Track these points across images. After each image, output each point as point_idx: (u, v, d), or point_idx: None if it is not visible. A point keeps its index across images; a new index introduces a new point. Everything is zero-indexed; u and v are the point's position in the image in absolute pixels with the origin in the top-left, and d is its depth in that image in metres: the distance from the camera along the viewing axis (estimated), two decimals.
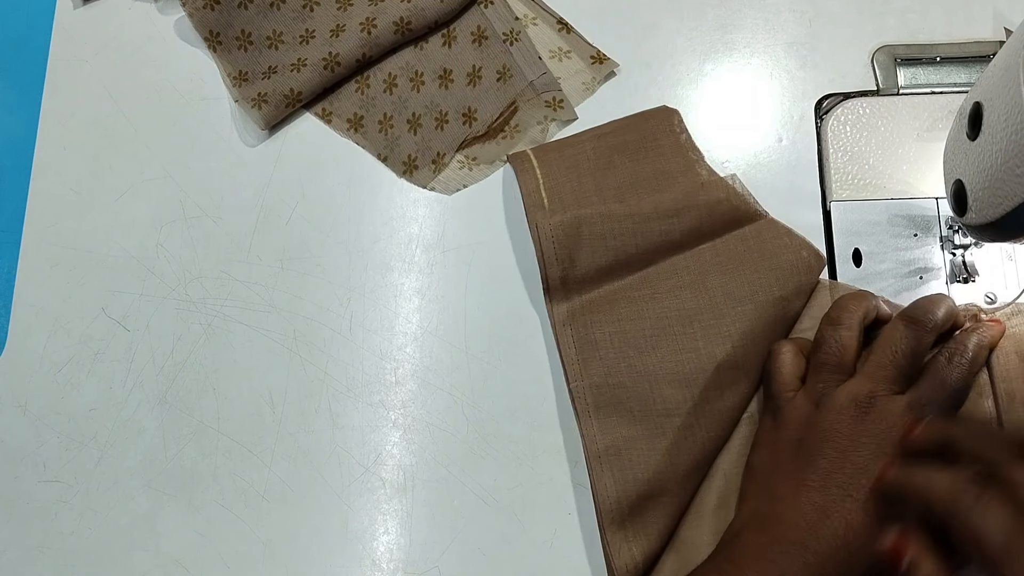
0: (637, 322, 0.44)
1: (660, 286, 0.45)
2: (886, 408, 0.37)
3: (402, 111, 0.51)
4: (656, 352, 0.43)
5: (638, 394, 0.43)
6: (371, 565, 0.44)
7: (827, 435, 0.37)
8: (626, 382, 0.43)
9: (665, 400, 0.42)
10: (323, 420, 0.47)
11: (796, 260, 0.44)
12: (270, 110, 0.51)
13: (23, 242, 0.51)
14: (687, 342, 0.43)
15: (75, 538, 0.46)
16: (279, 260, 0.50)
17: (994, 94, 0.35)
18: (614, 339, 0.44)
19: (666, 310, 0.44)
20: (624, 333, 0.44)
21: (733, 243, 0.45)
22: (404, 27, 0.51)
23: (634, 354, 0.44)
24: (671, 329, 0.44)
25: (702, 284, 0.44)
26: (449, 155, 0.50)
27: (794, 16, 0.51)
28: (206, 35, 0.52)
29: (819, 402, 0.39)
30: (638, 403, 0.43)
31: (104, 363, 0.49)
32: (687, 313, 0.44)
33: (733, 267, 0.44)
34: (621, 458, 0.42)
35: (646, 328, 0.44)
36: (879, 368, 0.39)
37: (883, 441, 0.37)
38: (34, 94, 0.54)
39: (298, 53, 0.52)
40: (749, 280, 0.44)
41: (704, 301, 0.44)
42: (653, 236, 0.45)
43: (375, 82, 0.52)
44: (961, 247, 0.45)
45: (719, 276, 0.44)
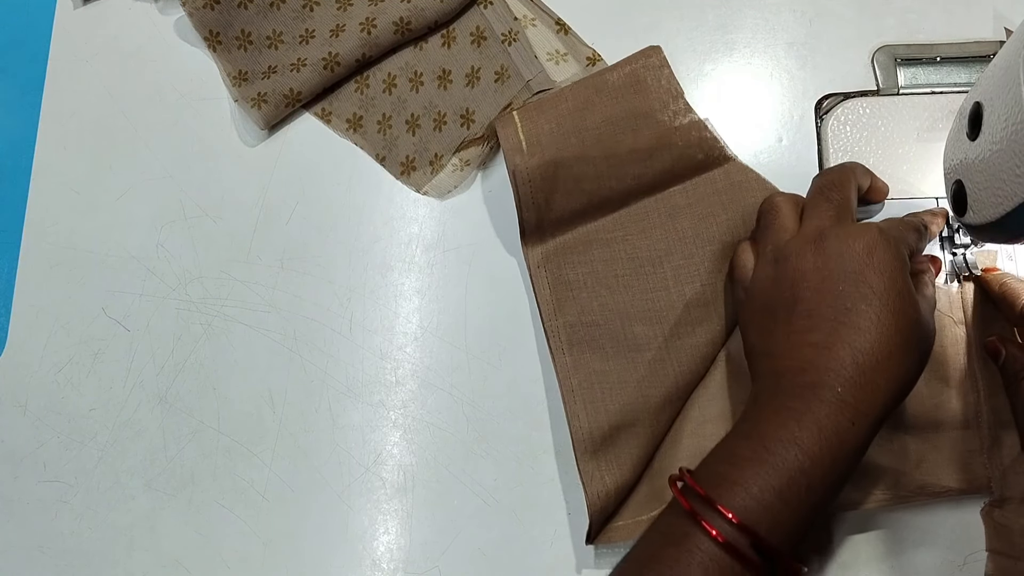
0: (609, 263, 0.46)
1: (632, 228, 0.46)
2: (840, 231, 0.38)
3: (401, 111, 0.51)
4: (628, 291, 0.45)
5: (610, 331, 0.44)
6: (371, 565, 0.44)
7: (796, 279, 0.38)
8: (599, 320, 0.45)
9: (636, 336, 0.44)
10: (323, 420, 0.47)
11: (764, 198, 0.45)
12: (270, 110, 0.51)
13: (23, 242, 0.51)
14: (658, 281, 0.45)
15: (75, 538, 0.46)
16: (279, 260, 0.50)
17: (994, 94, 0.35)
18: (587, 279, 0.46)
19: (637, 250, 0.46)
20: (597, 273, 0.46)
21: (703, 186, 0.46)
22: (404, 27, 0.51)
23: (606, 293, 0.45)
24: (642, 269, 0.45)
25: (672, 226, 0.46)
26: (447, 156, 0.50)
27: (794, 16, 0.51)
28: (206, 35, 0.52)
29: (776, 259, 0.39)
30: (610, 340, 0.44)
31: (104, 363, 0.49)
32: (658, 253, 0.46)
33: (703, 209, 0.46)
34: (593, 391, 0.43)
35: (618, 268, 0.46)
36: (814, 208, 0.40)
37: (853, 258, 0.37)
38: (34, 94, 0.54)
39: (298, 53, 0.52)
40: (718, 222, 0.45)
41: (674, 242, 0.46)
42: (627, 179, 0.46)
43: (375, 82, 0.52)
44: (961, 247, 0.45)
45: (689, 218, 0.46)
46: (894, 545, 0.42)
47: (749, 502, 0.33)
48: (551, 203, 0.45)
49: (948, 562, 0.42)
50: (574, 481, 0.45)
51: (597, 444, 0.42)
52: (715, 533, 0.33)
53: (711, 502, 0.34)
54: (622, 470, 0.42)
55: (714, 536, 0.33)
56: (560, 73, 0.51)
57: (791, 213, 0.41)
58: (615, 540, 0.42)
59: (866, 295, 0.36)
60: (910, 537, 0.42)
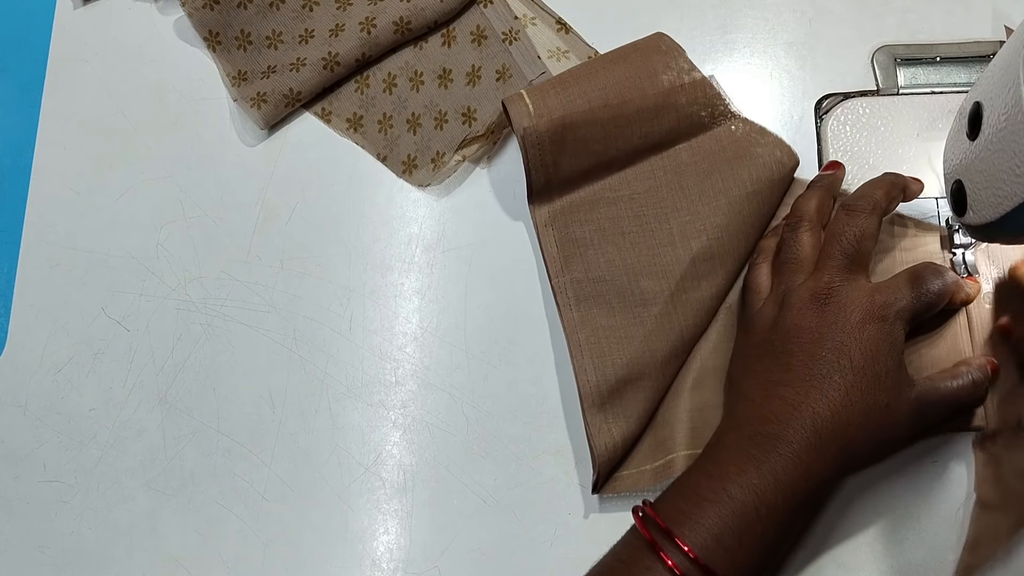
0: (616, 220, 0.46)
1: (638, 186, 0.47)
2: (846, 298, 0.38)
3: (401, 111, 0.51)
4: (634, 248, 0.46)
5: (617, 287, 0.45)
6: (371, 565, 0.44)
7: (791, 333, 0.39)
8: (605, 276, 0.45)
9: (643, 291, 0.45)
10: (323, 420, 0.47)
11: (769, 158, 0.46)
12: (269, 109, 0.51)
13: (23, 242, 0.51)
14: (663, 236, 0.45)
15: (75, 538, 0.46)
16: (279, 260, 0.50)
17: (994, 94, 0.35)
18: (594, 237, 0.46)
19: (643, 208, 0.46)
20: (603, 231, 0.46)
21: (709, 143, 0.47)
22: (404, 27, 0.51)
23: (612, 250, 0.46)
24: (648, 226, 0.46)
25: (679, 183, 0.46)
26: (449, 154, 0.50)
27: (794, 16, 0.51)
28: (205, 35, 0.52)
29: (783, 303, 0.40)
30: (617, 295, 0.45)
31: (104, 363, 0.49)
32: (664, 210, 0.46)
33: (708, 166, 0.46)
34: (601, 345, 0.44)
35: (624, 225, 0.46)
36: (829, 259, 0.40)
37: (844, 336, 0.38)
38: (34, 94, 0.54)
39: (297, 53, 0.52)
40: (723, 177, 0.46)
41: (680, 199, 0.46)
42: (634, 139, 0.46)
43: (375, 82, 0.52)
44: (961, 247, 0.45)
45: (695, 175, 0.46)
46: (894, 545, 0.42)
47: (708, 540, 0.35)
48: (559, 164, 0.46)
49: (948, 562, 0.42)
50: (574, 481, 0.45)
51: (604, 397, 0.43)
52: (671, 564, 0.35)
53: (671, 535, 0.35)
54: (628, 422, 0.43)
55: (671, 566, 0.35)
56: (561, 70, 0.51)
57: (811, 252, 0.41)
58: (619, 490, 0.43)
59: (843, 367, 0.37)
60: (910, 537, 0.42)
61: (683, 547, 0.35)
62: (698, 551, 0.35)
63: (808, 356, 0.38)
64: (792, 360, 0.38)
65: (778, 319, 0.40)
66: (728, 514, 0.35)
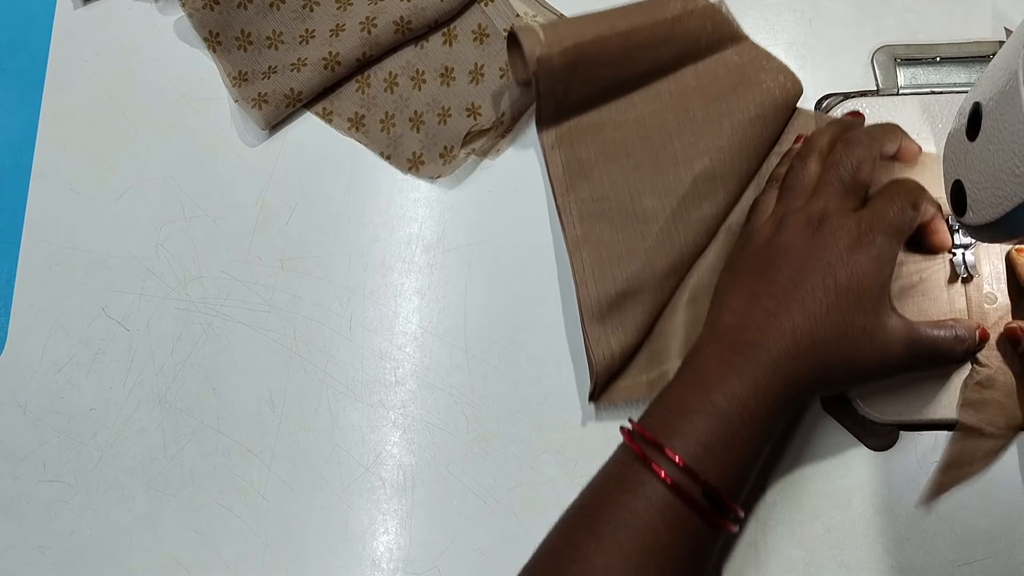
0: (621, 142, 0.47)
1: (644, 109, 0.47)
2: (837, 225, 0.40)
3: (404, 109, 0.51)
4: (638, 168, 0.46)
5: (620, 205, 0.46)
6: (371, 565, 0.44)
7: (781, 251, 0.40)
8: (609, 195, 0.46)
9: (645, 209, 0.46)
10: (323, 420, 0.47)
11: (773, 83, 0.47)
12: (271, 110, 0.51)
13: (23, 242, 0.51)
14: (667, 157, 0.46)
15: (75, 538, 0.46)
16: (279, 260, 0.50)
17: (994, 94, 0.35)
18: (599, 158, 0.47)
19: (648, 130, 0.47)
20: (608, 152, 0.47)
21: (714, 67, 0.47)
22: (404, 26, 0.51)
23: (617, 169, 0.47)
24: (652, 147, 0.47)
25: (684, 106, 0.47)
26: (457, 147, 0.50)
27: (794, 16, 0.51)
28: (206, 35, 0.52)
29: (779, 224, 0.41)
30: (619, 213, 0.46)
31: (104, 363, 0.49)
32: (668, 132, 0.47)
33: (714, 90, 0.47)
34: (602, 260, 0.45)
35: (629, 147, 0.47)
36: (827, 186, 0.41)
37: (831, 258, 0.39)
38: (34, 94, 0.54)
39: (298, 53, 0.52)
40: (728, 101, 0.46)
41: (685, 121, 0.47)
42: (642, 64, 0.47)
43: (376, 81, 0.52)
44: (961, 247, 0.45)
45: (700, 99, 0.47)
46: (894, 545, 0.42)
47: (698, 449, 0.36)
48: (569, 90, 0.46)
49: (948, 562, 0.42)
50: (574, 481, 0.45)
51: (604, 310, 0.44)
52: (663, 475, 0.36)
53: (660, 447, 0.36)
54: (627, 334, 0.44)
55: (662, 478, 0.36)
56: None
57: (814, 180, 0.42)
58: (615, 400, 0.45)
59: (827, 286, 0.38)
60: (910, 537, 0.42)
61: (673, 457, 0.36)
62: (688, 460, 0.36)
63: (794, 272, 0.39)
64: (778, 275, 0.39)
65: (772, 238, 0.41)
66: (715, 423, 0.37)
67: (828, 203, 0.41)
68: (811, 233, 0.40)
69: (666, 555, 0.35)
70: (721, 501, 0.36)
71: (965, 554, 0.42)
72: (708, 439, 0.36)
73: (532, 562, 0.38)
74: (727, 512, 0.37)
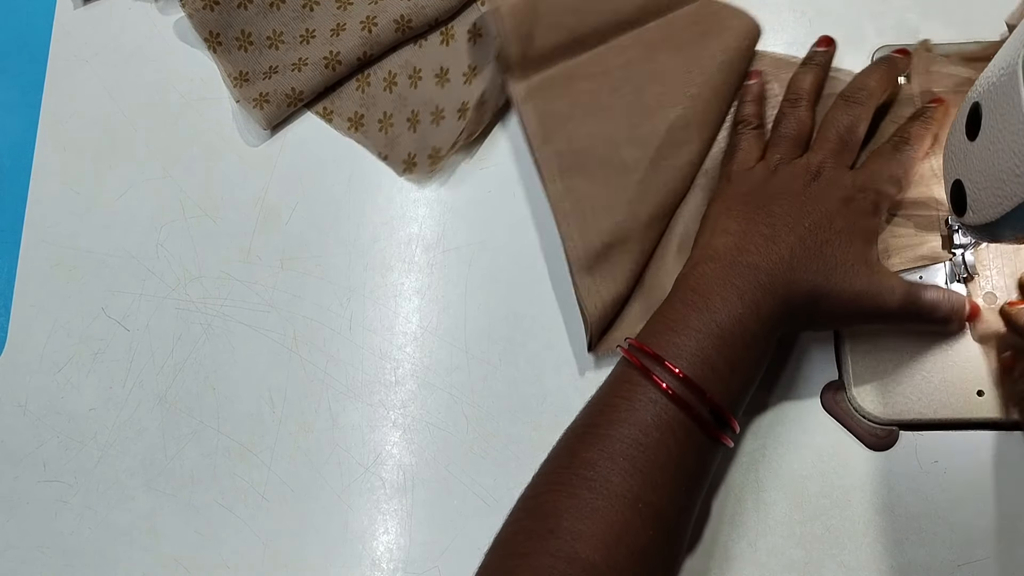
0: (594, 94, 0.47)
1: (612, 62, 0.48)
2: (832, 178, 0.42)
3: (402, 109, 0.51)
4: (613, 119, 0.47)
5: (598, 156, 0.46)
6: (371, 565, 0.44)
7: (778, 192, 0.42)
8: (586, 146, 0.47)
9: (623, 159, 0.46)
10: (323, 420, 0.47)
11: (736, 29, 0.48)
12: (272, 110, 0.51)
13: (23, 242, 0.51)
14: (640, 108, 0.47)
15: (75, 538, 0.46)
16: (279, 260, 0.50)
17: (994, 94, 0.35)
18: (573, 110, 0.47)
19: (619, 82, 0.48)
20: (582, 104, 0.47)
21: (677, 20, 0.48)
22: (405, 25, 0.51)
23: (592, 121, 0.47)
24: (625, 98, 0.47)
25: (651, 57, 0.48)
26: (446, 148, 0.50)
27: (794, 16, 0.51)
28: (206, 36, 0.52)
29: (775, 169, 0.43)
30: (599, 164, 0.46)
31: (104, 363, 0.49)
32: (639, 83, 0.47)
33: (679, 40, 0.48)
34: (584, 213, 0.46)
35: (602, 99, 0.47)
36: (825, 142, 0.43)
37: (827, 205, 0.41)
38: (34, 94, 0.54)
39: (299, 53, 0.52)
40: (693, 50, 0.47)
41: (654, 72, 0.47)
42: (606, 14, 0.48)
43: (375, 80, 0.52)
44: (961, 247, 0.45)
45: (666, 50, 0.48)
46: (894, 545, 0.42)
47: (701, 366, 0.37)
48: (533, 37, 0.47)
49: (948, 562, 0.42)
50: None
51: (592, 261, 0.45)
52: (665, 387, 0.37)
53: (660, 359, 0.37)
54: (616, 283, 0.45)
55: (664, 389, 0.37)
56: None
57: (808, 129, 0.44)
58: (612, 348, 0.45)
59: (823, 225, 0.40)
60: (910, 537, 0.42)
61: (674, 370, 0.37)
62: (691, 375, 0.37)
63: (792, 209, 0.41)
64: (775, 208, 0.41)
65: (768, 181, 0.42)
66: (717, 342, 0.38)
67: (826, 158, 0.42)
68: (807, 182, 0.42)
69: (676, 467, 0.36)
70: (722, 415, 0.37)
71: (965, 554, 0.42)
72: (711, 356, 0.37)
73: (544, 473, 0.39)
74: (726, 427, 0.38)
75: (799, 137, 0.44)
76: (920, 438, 0.44)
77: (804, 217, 0.41)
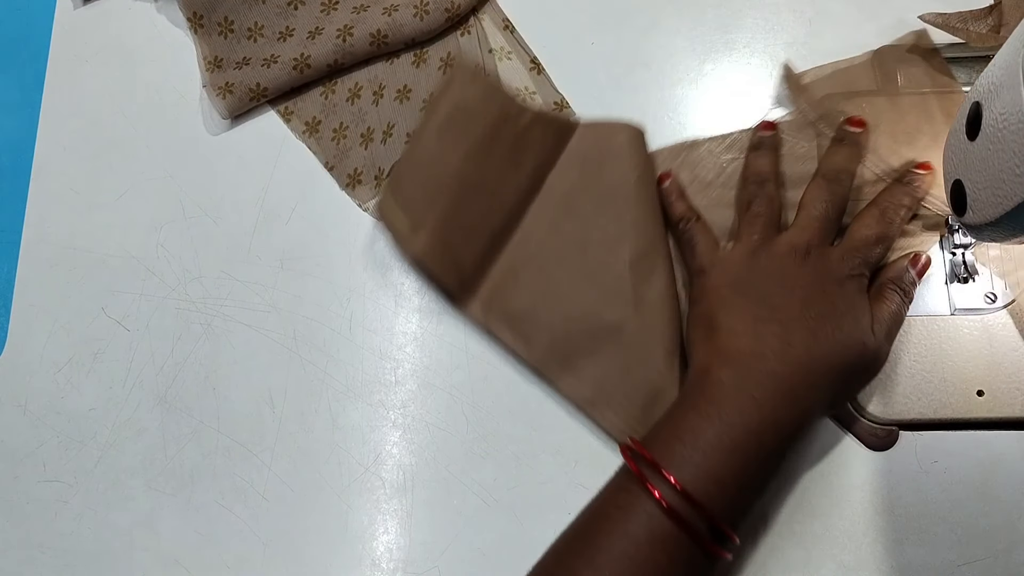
0: (542, 274, 0.46)
1: (539, 233, 0.47)
2: (821, 256, 0.41)
3: (359, 123, 0.51)
4: (576, 289, 0.45)
5: (586, 332, 0.45)
6: (371, 565, 0.44)
7: (771, 275, 0.41)
8: (570, 329, 0.45)
9: (609, 323, 0.45)
10: (323, 420, 0.47)
11: (624, 139, 0.47)
12: (233, 101, 0.51)
13: (23, 242, 0.51)
14: (592, 262, 0.46)
15: (75, 538, 0.46)
16: (279, 260, 0.50)
17: (994, 94, 0.35)
18: (535, 300, 0.46)
19: (558, 250, 0.46)
20: (539, 291, 0.46)
21: (570, 162, 0.47)
22: (380, 40, 0.51)
23: (558, 302, 0.45)
24: (573, 261, 0.46)
25: (572, 210, 0.47)
26: (388, 170, 0.50)
27: (794, 16, 0.51)
28: (190, 16, 0.52)
29: (755, 251, 0.42)
30: (590, 339, 0.45)
31: (104, 363, 0.49)
32: (576, 239, 0.46)
33: (586, 180, 0.47)
34: (607, 391, 0.44)
35: (553, 274, 0.46)
36: (811, 221, 0.42)
37: (826, 287, 0.40)
38: (34, 94, 0.54)
39: (273, 49, 0.52)
40: (605, 181, 0.46)
41: (582, 222, 0.46)
42: (508, 197, 0.47)
43: (341, 90, 0.52)
44: (961, 247, 0.45)
45: (580, 195, 0.47)
46: (894, 545, 0.42)
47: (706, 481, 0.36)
48: (459, 260, 0.46)
49: (948, 562, 0.42)
50: (574, 481, 0.45)
51: (643, 420, 0.43)
52: (658, 496, 0.35)
53: (657, 468, 0.36)
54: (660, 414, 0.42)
55: (658, 499, 0.35)
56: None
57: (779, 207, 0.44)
58: None
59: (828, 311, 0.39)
60: (910, 537, 0.42)
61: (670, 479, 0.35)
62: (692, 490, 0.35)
63: (794, 299, 0.40)
64: (776, 301, 0.40)
65: (754, 265, 0.41)
66: (731, 459, 0.36)
67: (812, 236, 0.42)
68: (798, 262, 0.41)
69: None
70: (720, 530, 0.36)
71: (965, 554, 0.42)
72: (718, 471, 0.36)
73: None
74: (725, 541, 0.36)
75: (773, 215, 0.43)
76: (920, 438, 0.44)
77: (808, 306, 0.39)
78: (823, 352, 0.38)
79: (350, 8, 0.52)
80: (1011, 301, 0.44)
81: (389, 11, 0.51)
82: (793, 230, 0.42)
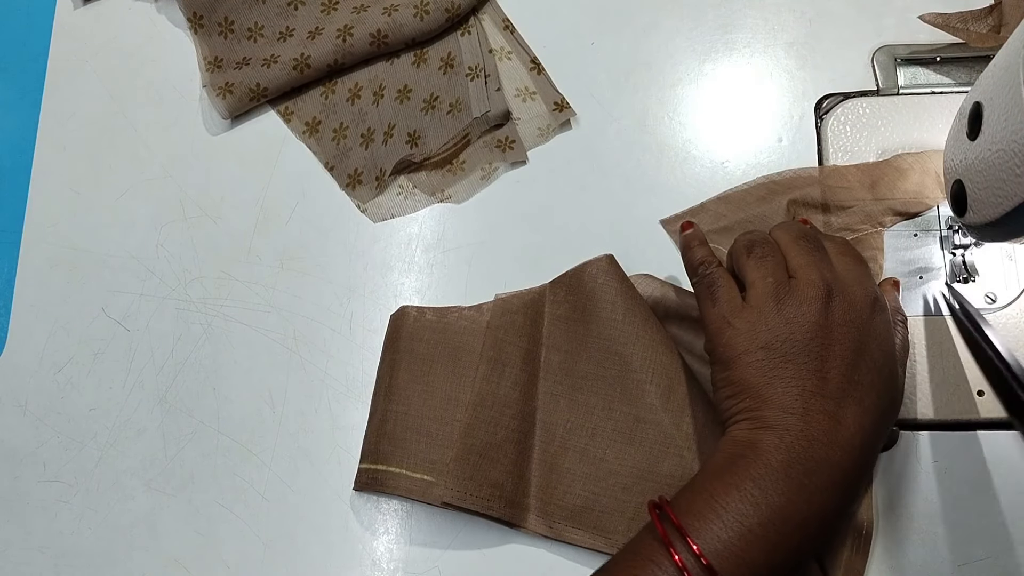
0: (581, 457, 0.44)
1: (557, 418, 0.44)
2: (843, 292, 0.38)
3: (359, 124, 0.51)
4: (621, 458, 0.43)
5: (653, 490, 0.43)
6: (371, 565, 0.44)
7: (805, 330, 0.37)
8: (637, 502, 0.43)
9: (668, 471, 0.43)
10: (323, 420, 0.47)
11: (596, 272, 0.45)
12: (233, 101, 0.51)
13: (23, 242, 0.51)
14: (624, 422, 0.44)
15: (75, 538, 0.46)
16: (279, 260, 0.50)
17: (994, 94, 0.35)
18: (587, 486, 0.43)
19: (584, 425, 0.44)
20: (588, 476, 0.43)
21: (557, 328, 0.45)
22: (380, 40, 0.51)
23: (609, 478, 0.43)
24: (604, 429, 0.44)
25: (577, 378, 0.45)
26: (389, 170, 0.49)
27: (794, 16, 0.52)
28: (190, 16, 0.52)
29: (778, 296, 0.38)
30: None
31: (104, 363, 0.49)
32: (599, 407, 0.44)
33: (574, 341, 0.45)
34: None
35: (592, 452, 0.44)
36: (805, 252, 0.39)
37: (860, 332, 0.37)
38: (34, 94, 0.54)
39: (273, 49, 0.52)
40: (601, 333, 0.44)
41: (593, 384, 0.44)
42: (510, 397, 0.44)
43: (341, 90, 0.52)
44: (961, 247, 0.45)
45: (578, 358, 0.45)
46: (894, 545, 0.42)
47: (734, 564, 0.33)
48: (496, 481, 0.43)
49: (948, 562, 0.42)
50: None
51: None
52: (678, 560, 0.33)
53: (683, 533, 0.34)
54: None
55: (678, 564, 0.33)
56: (527, 110, 0.51)
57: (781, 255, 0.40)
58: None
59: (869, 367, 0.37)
60: (910, 537, 0.42)
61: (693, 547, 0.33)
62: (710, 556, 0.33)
63: (837, 362, 0.36)
64: (824, 365, 0.36)
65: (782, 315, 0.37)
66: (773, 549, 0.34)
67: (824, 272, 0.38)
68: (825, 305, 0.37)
69: None
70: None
71: (965, 554, 0.42)
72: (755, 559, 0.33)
73: None
74: None
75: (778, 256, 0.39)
76: (920, 438, 0.44)
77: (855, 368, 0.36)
78: (870, 425, 0.36)
79: (350, 8, 0.52)
80: (1011, 301, 0.44)
81: (389, 11, 0.51)
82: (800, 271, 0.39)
